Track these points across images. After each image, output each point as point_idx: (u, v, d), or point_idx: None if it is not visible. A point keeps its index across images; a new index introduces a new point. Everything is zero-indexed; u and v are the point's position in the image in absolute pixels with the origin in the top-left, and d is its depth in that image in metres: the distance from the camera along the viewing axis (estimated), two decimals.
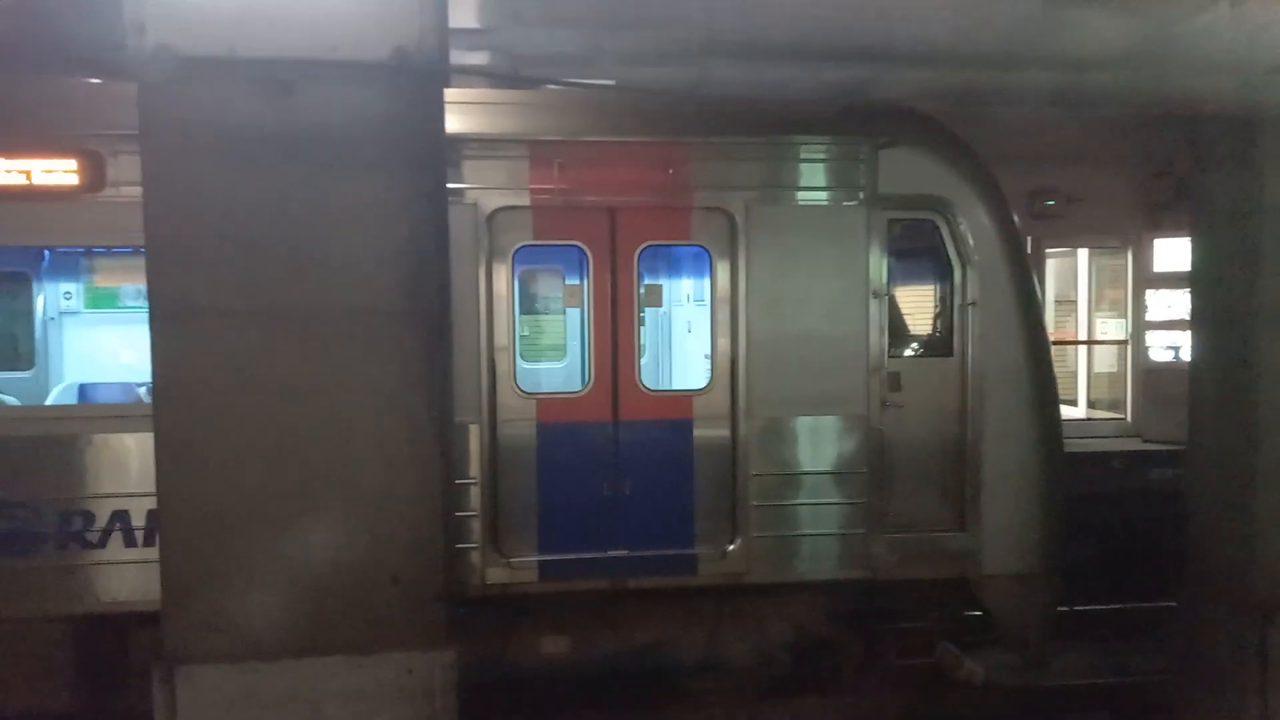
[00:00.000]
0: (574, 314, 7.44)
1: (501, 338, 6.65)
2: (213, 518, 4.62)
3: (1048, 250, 11.27)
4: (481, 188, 6.55)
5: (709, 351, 7.01)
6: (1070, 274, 12.02)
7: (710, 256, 6.91)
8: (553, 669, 6.79)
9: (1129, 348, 11.32)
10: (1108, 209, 10.71)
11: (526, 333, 8.36)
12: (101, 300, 7.72)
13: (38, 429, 6.16)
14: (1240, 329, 6.59)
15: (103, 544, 6.11)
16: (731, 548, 6.85)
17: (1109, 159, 10.19)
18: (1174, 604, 7.09)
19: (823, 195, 6.98)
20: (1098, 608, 8.59)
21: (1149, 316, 11.09)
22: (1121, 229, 11.01)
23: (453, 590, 4.91)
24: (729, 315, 6.86)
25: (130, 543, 6.12)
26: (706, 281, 7.10)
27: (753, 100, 6.46)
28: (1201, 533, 6.81)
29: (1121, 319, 11.48)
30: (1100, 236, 11.20)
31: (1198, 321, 7.25)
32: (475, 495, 6.52)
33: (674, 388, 8.20)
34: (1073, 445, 7.91)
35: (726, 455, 6.85)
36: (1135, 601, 8.65)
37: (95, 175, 6.03)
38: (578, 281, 7.05)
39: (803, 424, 6.93)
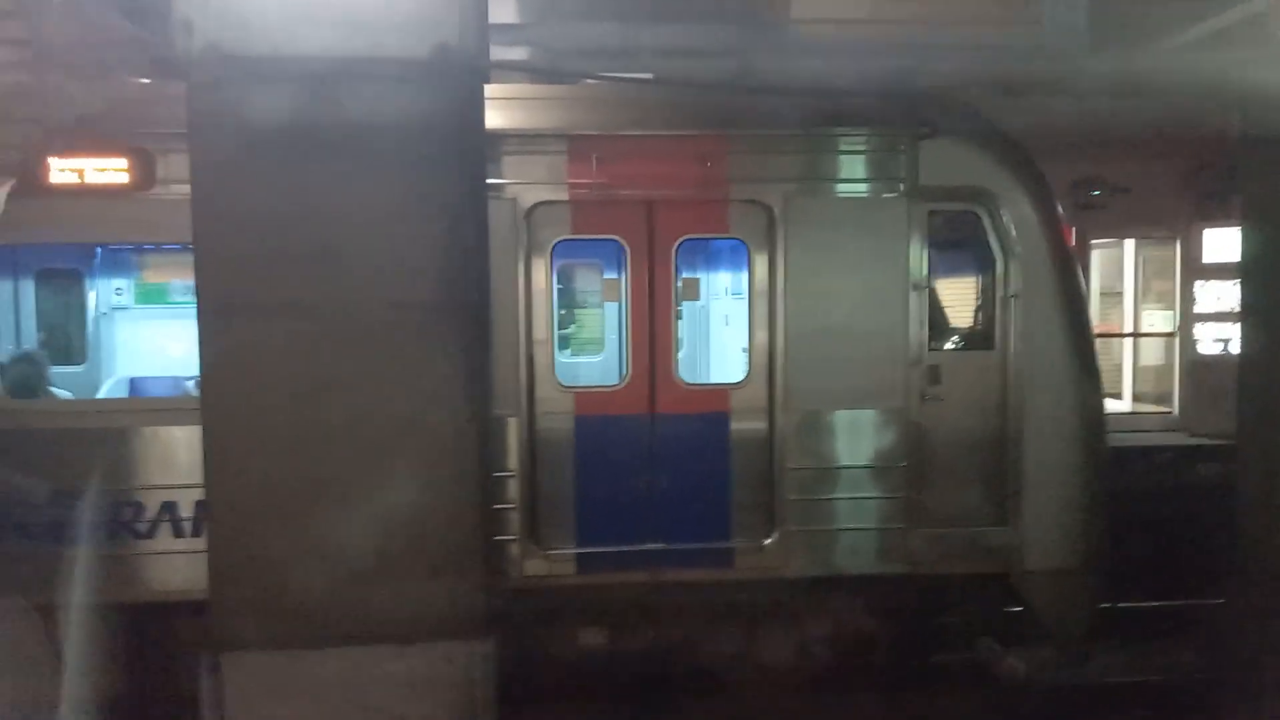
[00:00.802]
0: (612, 308, 7.47)
1: (540, 331, 6.69)
2: (258, 508, 4.72)
3: (1093, 241, 11.07)
4: (520, 183, 6.59)
5: (746, 345, 7.00)
6: (1116, 265, 11.80)
7: (748, 250, 6.90)
8: (591, 661, 6.84)
9: (1177, 340, 11.09)
10: (1155, 199, 10.49)
11: (565, 326, 8.40)
12: (151, 296, 7.88)
13: (90, 421, 6.32)
14: None
15: (152, 534, 6.26)
16: (769, 542, 6.84)
17: (1156, 148, 9.98)
18: (1219, 602, 6.96)
19: (862, 187, 6.93)
20: (1141, 605, 8.45)
21: (1198, 308, 10.87)
22: (1169, 219, 10.78)
23: (492, 581, 4.97)
24: (767, 308, 6.84)
25: (179, 533, 6.27)
26: (744, 275, 7.09)
27: (791, 92, 6.44)
28: (1250, 530, 6.69)
29: (1169, 311, 11.25)
30: (1147, 227, 10.98)
31: (1248, 313, 7.11)
32: (514, 487, 6.58)
33: (711, 381, 8.20)
34: (1118, 440, 7.78)
35: (764, 449, 6.84)
36: (1180, 599, 8.50)
37: (145, 173, 6.16)
38: (616, 275, 7.07)
39: (841, 418, 6.89)
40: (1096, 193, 10.26)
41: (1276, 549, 6.46)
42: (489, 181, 5.72)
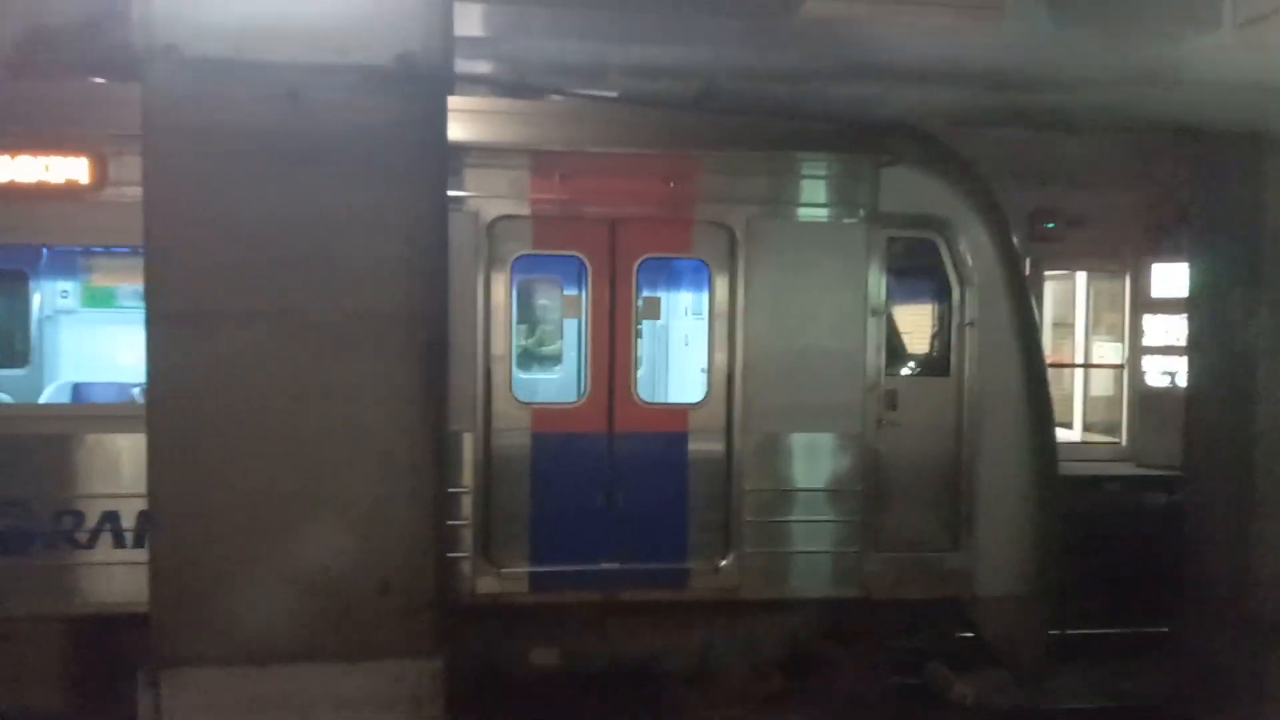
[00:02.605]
0: (571, 324, 7.44)
1: (499, 346, 6.63)
2: (204, 520, 4.60)
3: (1046, 273, 11.27)
4: (482, 196, 6.55)
5: (705, 365, 7.00)
6: (1068, 297, 12.03)
7: (709, 270, 6.91)
8: (542, 680, 6.75)
9: (1125, 372, 11.32)
10: (1107, 232, 10.72)
11: (523, 342, 8.35)
12: (98, 299, 7.70)
13: (30, 427, 6.13)
14: (1239, 353, 6.60)
15: (91, 544, 6.07)
16: (724, 563, 6.82)
17: (1110, 182, 10.22)
18: (1167, 629, 7.07)
19: (823, 212, 6.99)
20: (1091, 631, 8.56)
21: (1146, 341, 11.11)
22: (1120, 253, 11.03)
23: (443, 599, 4.88)
24: (726, 330, 6.86)
25: (120, 544, 6.08)
26: (705, 295, 7.10)
27: (755, 116, 6.48)
28: (1200, 556, 6.81)
29: (1118, 343, 11.48)
30: (1099, 260, 11.22)
31: (1196, 345, 7.26)
32: (468, 504, 6.49)
33: (670, 400, 8.19)
34: (1068, 468, 7.89)
35: (721, 469, 6.83)
36: (1129, 626, 8.62)
37: (98, 175, 6.02)
38: (576, 292, 7.05)
39: (798, 440, 6.91)
40: (1051, 225, 10.46)
41: (1223, 575, 6.58)
42: (451, 193, 5.68)
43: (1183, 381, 9.06)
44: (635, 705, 6.87)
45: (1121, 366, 11.41)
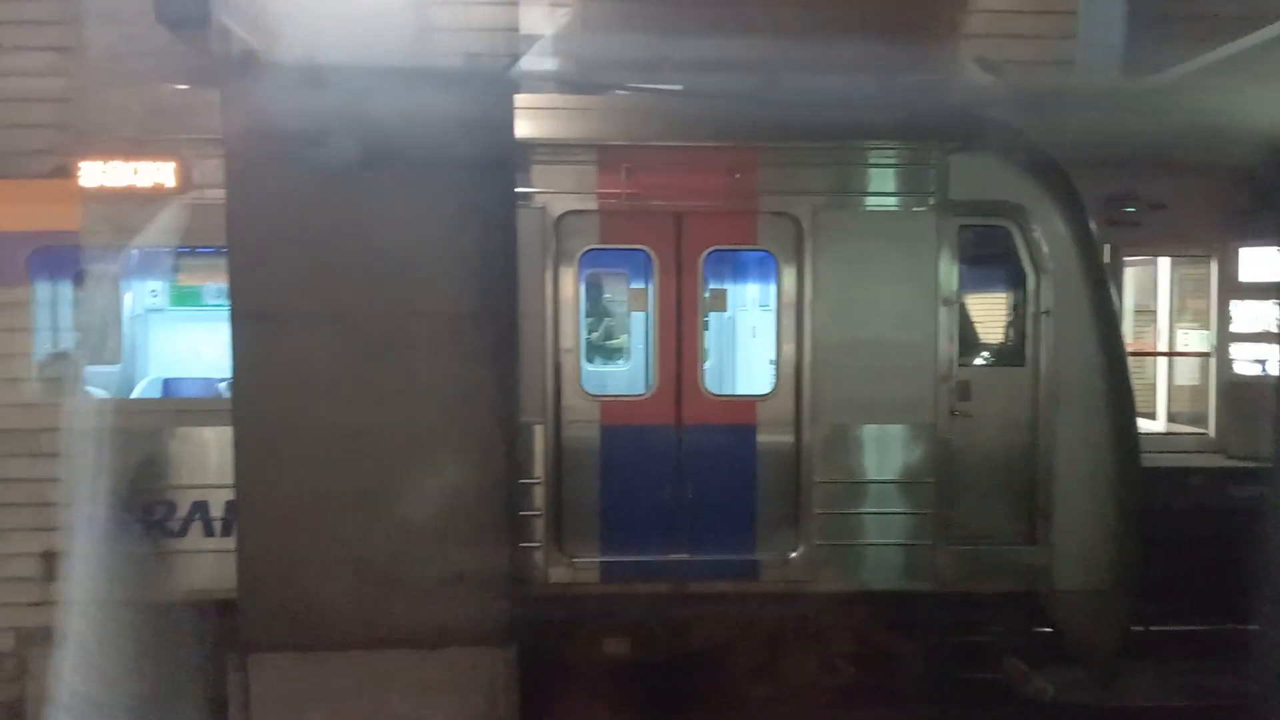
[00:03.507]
0: (639, 317, 7.48)
1: (567, 340, 6.71)
2: (288, 511, 4.77)
3: (1126, 258, 10.92)
4: (550, 192, 6.62)
5: (774, 357, 6.98)
6: (1150, 283, 11.63)
7: (776, 261, 6.88)
8: (614, 669, 6.83)
9: (1212, 360, 10.91)
10: (1191, 216, 10.33)
11: (592, 335, 8.42)
12: (185, 298, 7.98)
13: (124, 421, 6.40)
14: None
15: (183, 533, 6.31)
16: (794, 555, 6.80)
17: (1192, 164, 9.85)
18: (1253, 627, 6.82)
19: (891, 200, 6.91)
20: (1173, 628, 8.30)
21: (1234, 328, 10.68)
22: (1205, 237, 10.61)
23: (516, 588, 4.97)
24: (794, 321, 6.82)
25: (209, 532, 6.31)
26: (772, 286, 7.07)
27: (820, 105, 6.44)
28: None
29: (1204, 330, 11.07)
30: (1183, 244, 10.81)
31: None
32: (540, 495, 6.59)
33: (738, 393, 8.17)
34: (1151, 460, 7.66)
35: (790, 462, 6.81)
36: (1212, 623, 8.34)
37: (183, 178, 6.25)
38: (643, 285, 7.08)
39: (869, 432, 6.85)
40: (1130, 209, 10.13)
41: None
42: (518, 190, 5.76)
43: (1273, 370, 8.71)
44: (705, 695, 6.90)
45: (1208, 354, 10.99)
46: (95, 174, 6.21)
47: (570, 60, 6.06)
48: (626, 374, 8.46)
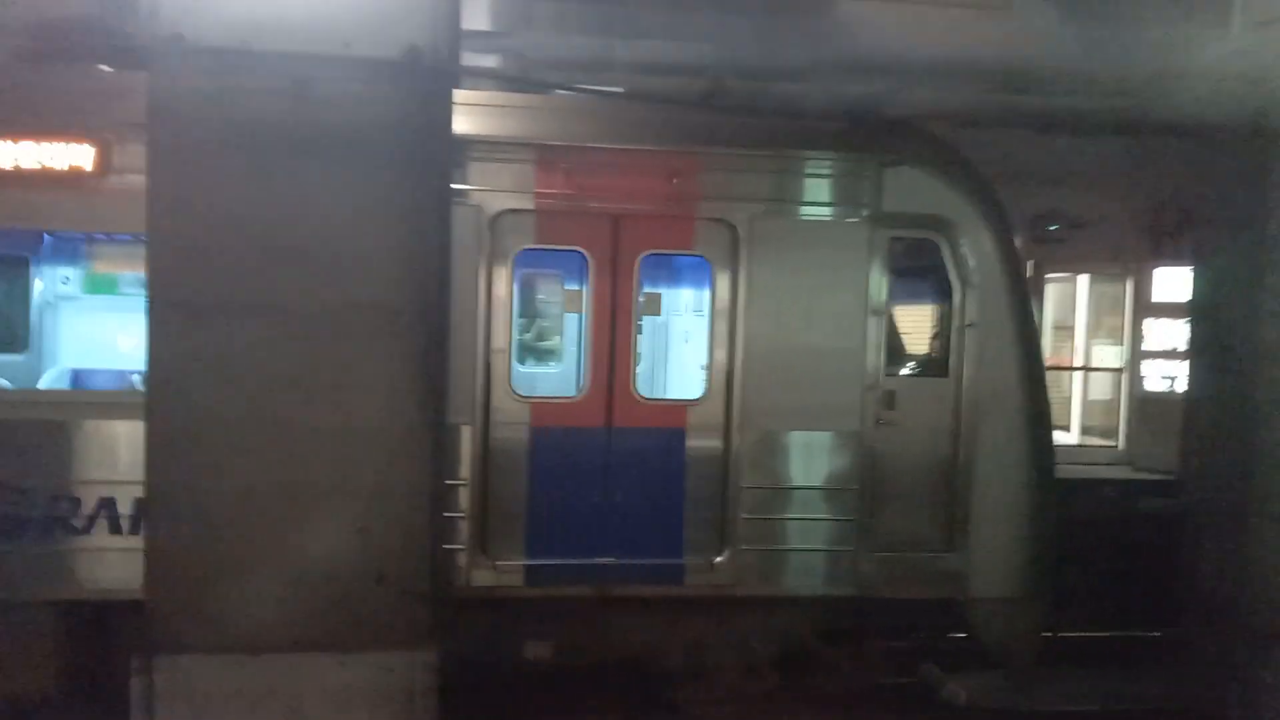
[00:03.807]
0: (572, 319, 7.44)
1: (499, 340, 6.64)
2: (201, 509, 4.62)
3: (1048, 275, 11.26)
4: (486, 190, 6.55)
5: (705, 362, 7.01)
6: (1069, 300, 12.02)
7: (711, 268, 6.91)
8: (536, 674, 6.78)
9: (1124, 376, 11.32)
10: (1110, 236, 10.71)
11: (524, 336, 8.35)
12: (99, 286, 7.69)
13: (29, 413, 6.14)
14: (1240, 359, 6.60)
15: (88, 531, 6.07)
16: (720, 559, 6.84)
17: (1114, 185, 10.20)
18: (1160, 633, 7.09)
19: (826, 211, 6.99)
20: (1085, 634, 8.58)
21: (1145, 345, 11.10)
22: (1122, 256, 11.01)
23: (438, 591, 4.90)
24: (727, 327, 6.86)
25: (116, 530, 6.09)
26: (706, 292, 7.10)
27: (760, 113, 6.48)
28: (1197, 561, 6.82)
29: (1118, 346, 11.48)
30: (1101, 263, 11.20)
31: (1197, 350, 7.25)
32: (465, 497, 6.51)
33: (669, 397, 8.19)
34: (1065, 471, 7.90)
35: (718, 466, 6.84)
36: (1122, 630, 8.64)
37: (102, 162, 6.02)
38: (578, 287, 7.05)
39: (796, 438, 6.92)
40: (1054, 227, 10.45)
41: (1220, 580, 6.59)
42: (455, 186, 5.68)
43: (1181, 386, 9.06)
44: (628, 700, 6.89)
45: (1121, 370, 11.40)
46: (6, 154, 5.94)
47: (512, 57, 5.99)
48: (558, 376, 8.41)
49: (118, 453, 6.02)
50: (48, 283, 7.48)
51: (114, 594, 5.95)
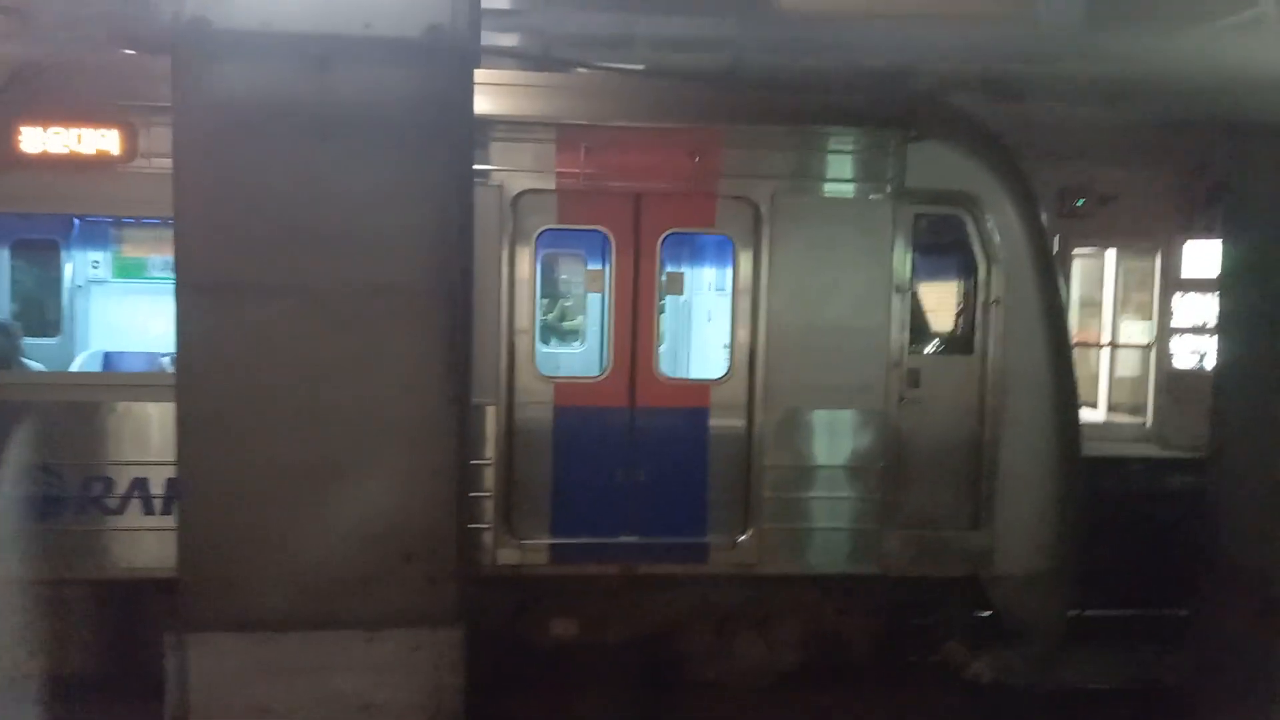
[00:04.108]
0: (595, 299, 7.45)
1: (522, 320, 6.66)
2: (231, 488, 4.67)
3: (1075, 250, 11.12)
4: (508, 170, 6.55)
5: (728, 341, 7.00)
6: (1097, 275, 11.87)
7: (734, 246, 6.89)
8: (561, 651, 6.84)
9: (1153, 352, 11.18)
10: (1139, 210, 10.54)
11: (547, 316, 8.37)
12: (129, 270, 7.79)
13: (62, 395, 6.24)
14: (1270, 333, 6.50)
15: (121, 510, 6.18)
16: (743, 538, 6.85)
17: (1142, 159, 10.04)
18: (1187, 611, 7.04)
19: (849, 187, 6.94)
20: (1111, 613, 8.53)
21: (1174, 321, 10.94)
22: (1151, 230, 10.84)
23: (464, 569, 4.94)
24: (750, 305, 6.84)
25: (149, 510, 6.19)
26: (729, 270, 7.08)
27: (781, 87, 6.42)
28: (1222, 540, 6.75)
29: (1147, 322, 11.33)
30: (1129, 237, 11.03)
31: (1226, 324, 7.15)
32: (490, 476, 6.55)
33: (692, 376, 8.19)
34: (1091, 448, 7.83)
35: (742, 445, 6.85)
36: (1149, 608, 8.58)
37: (129, 145, 6.07)
38: (600, 267, 7.05)
39: (819, 417, 6.91)
40: (1081, 202, 10.31)
41: (1248, 557, 6.53)
42: (476, 167, 5.68)
43: (1211, 363, 8.94)
44: (653, 678, 6.94)
45: (1149, 346, 11.26)
46: (37, 140, 6.00)
47: (532, 36, 5.97)
48: (581, 356, 8.44)
49: (149, 434, 6.13)
50: (78, 267, 7.58)
51: (148, 573, 6.08)
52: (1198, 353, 10.61)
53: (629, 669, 6.88)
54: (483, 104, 5.54)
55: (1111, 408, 11.73)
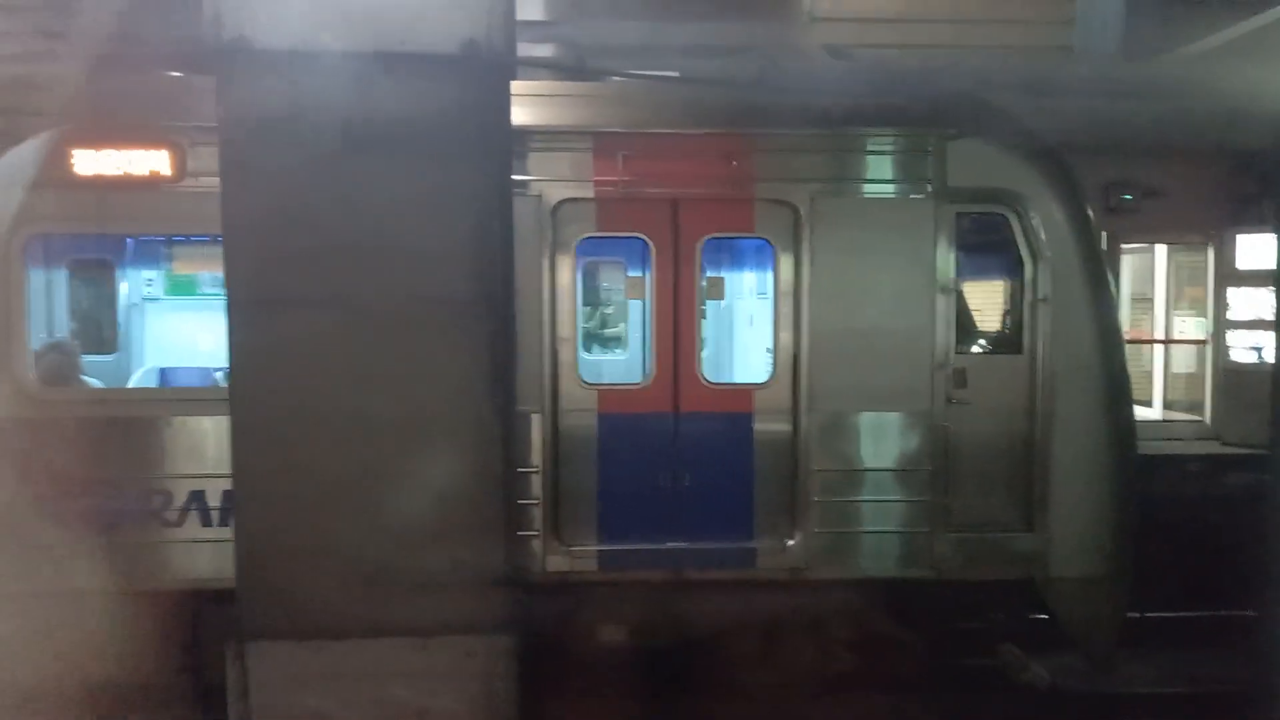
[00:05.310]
0: (636, 306, 7.47)
1: (564, 328, 6.70)
2: (284, 499, 4.76)
3: (1124, 246, 10.92)
4: (546, 180, 6.61)
5: (771, 345, 6.97)
6: (1147, 271, 11.64)
7: (774, 249, 6.87)
8: (611, 658, 6.84)
9: (1209, 348, 10.92)
10: (1188, 203, 10.33)
11: (588, 324, 8.41)
12: (180, 287, 7.97)
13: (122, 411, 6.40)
14: None
15: (180, 523, 6.32)
16: (791, 542, 6.81)
17: (1190, 151, 9.84)
18: (1249, 613, 6.84)
19: (889, 188, 6.89)
20: (1169, 615, 8.33)
21: (1231, 315, 10.69)
22: (1203, 224, 10.61)
23: (514, 576, 4.98)
24: (792, 309, 6.82)
25: (206, 522, 6.32)
26: (769, 274, 7.06)
27: (817, 91, 6.41)
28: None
29: (1201, 318, 11.08)
30: (1180, 232, 10.81)
31: None
32: (537, 483, 6.59)
33: (735, 381, 8.17)
34: (1147, 447, 7.68)
35: (787, 450, 6.81)
36: (1209, 610, 8.37)
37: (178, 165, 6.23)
38: (640, 273, 7.07)
39: (865, 420, 6.85)
40: (1129, 196, 10.12)
41: None
42: (515, 178, 5.74)
43: (1270, 357, 8.72)
44: (703, 683, 6.91)
45: (1205, 342, 11.01)
46: (90, 162, 6.19)
47: (567, 46, 6.04)
48: (623, 363, 8.46)
49: (205, 447, 6.26)
50: (132, 285, 7.77)
51: (206, 584, 6.20)
52: (1256, 347, 10.35)
53: (678, 674, 6.87)
54: (520, 115, 5.61)
55: (1167, 405, 11.48)
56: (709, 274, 7.00)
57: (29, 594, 6.01)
